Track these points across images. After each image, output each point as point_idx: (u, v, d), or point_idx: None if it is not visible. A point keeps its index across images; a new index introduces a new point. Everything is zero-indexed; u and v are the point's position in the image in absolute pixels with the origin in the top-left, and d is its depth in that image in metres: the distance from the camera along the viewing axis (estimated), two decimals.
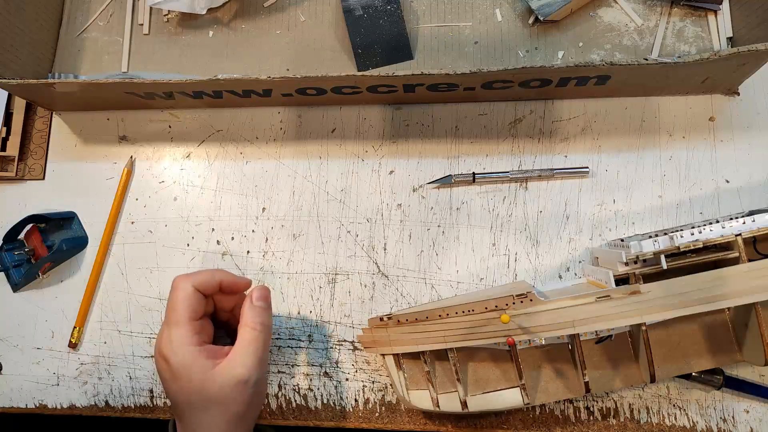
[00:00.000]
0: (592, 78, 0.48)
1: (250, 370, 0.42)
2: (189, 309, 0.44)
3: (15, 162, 0.58)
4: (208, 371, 0.42)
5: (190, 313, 0.44)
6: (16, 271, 0.56)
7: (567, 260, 0.52)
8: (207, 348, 0.43)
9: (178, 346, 0.42)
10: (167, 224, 0.56)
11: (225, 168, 0.57)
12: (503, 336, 0.44)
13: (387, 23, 0.56)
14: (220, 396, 0.41)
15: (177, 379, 0.42)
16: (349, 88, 0.51)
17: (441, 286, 0.53)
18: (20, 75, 0.55)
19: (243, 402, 0.42)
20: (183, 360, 0.42)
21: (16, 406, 0.55)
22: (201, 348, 0.43)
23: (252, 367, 0.42)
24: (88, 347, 0.55)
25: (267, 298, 0.47)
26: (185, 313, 0.43)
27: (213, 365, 0.42)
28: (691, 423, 0.49)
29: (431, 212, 0.54)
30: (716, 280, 0.42)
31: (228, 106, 0.57)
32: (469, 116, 0.55)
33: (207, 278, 0.45)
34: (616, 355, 0.47)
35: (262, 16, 0.59)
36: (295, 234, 0.55)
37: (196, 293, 0.44)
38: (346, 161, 0.56)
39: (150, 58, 0.59)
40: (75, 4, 0.62)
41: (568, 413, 0.50)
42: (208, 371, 0.42)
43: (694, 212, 0.52)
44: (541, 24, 0.55)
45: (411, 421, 0.51)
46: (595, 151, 0.53)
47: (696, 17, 0.54)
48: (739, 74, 0.49)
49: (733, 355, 0.46)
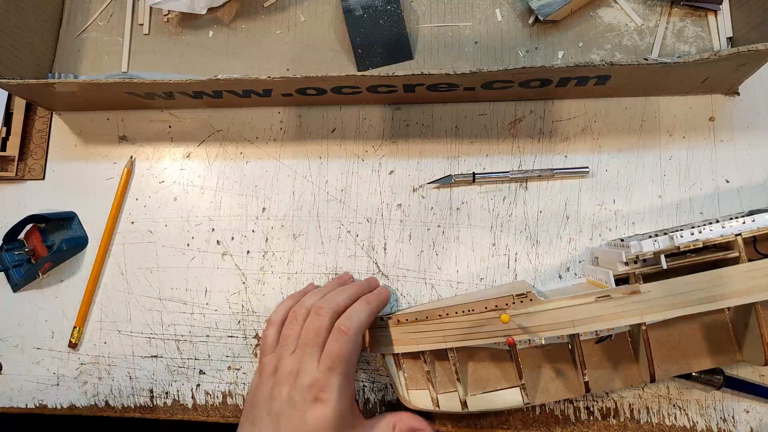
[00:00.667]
0: (592, 78, 0.48)
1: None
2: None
3: (15, 162, 0.58)
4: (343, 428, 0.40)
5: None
6: (16, 271, 0.56)
7: (567, 260, 0.52)
8: (355, 411, 0.42)
9: (348, 402, 0.41)
10: (167, 224, 0.56)
11: (225, 168, 0.57)
12: (503, 336, 0.44)
13: (387, 23, 0.56)
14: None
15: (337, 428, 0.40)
16: (349, 88, 0.51)
17: (441, 286, 0.53)
18: (20, 75, 0.55)
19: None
20: (345, 414, 0.40)
21: (16, 406, 0.55)
22: (354, 411, 0.42)
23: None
24: (88, 347, 0.55)
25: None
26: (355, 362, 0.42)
27: (353, 423, 0.41)
28: (691, 423, 0.49)
29: (431, 212, 0.54)
30: (716, 280, 0.42)
31: (228, 106, 0.57)
32: (469, 116, 0.55)
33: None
34: (616, 355, 0.47)
35: (262, 16, 0.59)
36: (295, 234, 0.55)
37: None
38: (346, 161, 0.56)
39: (150, 58, 0.59)
40: (75, 4, 0.62)
41: (568, 413, 0.50)
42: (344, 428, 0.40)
43: (694, 212, 0.52)
44: (541, 24, 0.55)
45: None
46: (595, 151, 0.53)
47: (696, 17, 0.54)
48: (739, 74, 0.49)
49: (733, 355, 0.46)
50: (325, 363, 0.41)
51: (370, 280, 0.51)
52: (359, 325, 0.42)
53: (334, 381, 0.40)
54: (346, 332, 0.41)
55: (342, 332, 0.42)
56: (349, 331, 0.42)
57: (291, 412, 0.40)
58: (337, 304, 0.44)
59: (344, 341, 0.41)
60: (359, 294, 0.46)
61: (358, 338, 0.42)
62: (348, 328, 0.42)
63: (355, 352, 0.42)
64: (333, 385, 0.40)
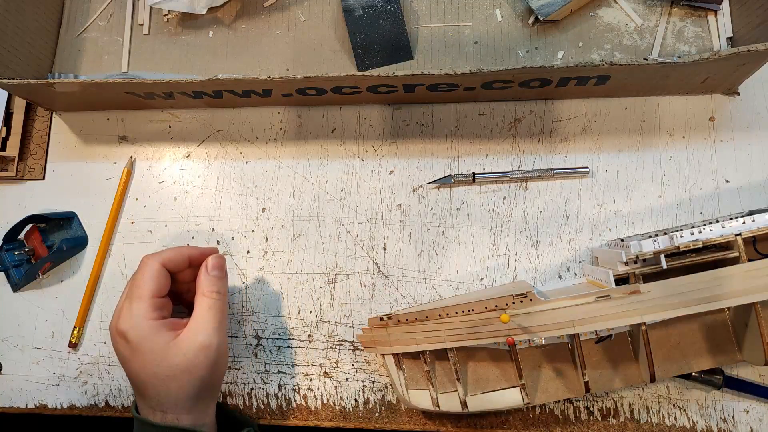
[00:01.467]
0: (592, 78, 0.48)
1: (210, 336, 0.44)
2: (154, 286, 0.45)
3: (15, 162, 0.58)
4: (170, 341, 0.43)
5: (155, 291, 0.45)
6: (16, 271, 0.56)
7: (567, 260, 0.52)
8: (167, 321, 0.45)
9: (139, 321, 0.44)
10: (167, 224, 0.56)
11: (225, 168, 0.57)
12: (503, 336, 0.44)
13: (387, 23, 0.56)
14: (184, 363, 0.43)
15: (138, 354, 0.43)
16: (349, 88, 0.51)
17: (441, 286, 0.53)
18: (20, 75, 0.55)
19: (207, 366, 0.43)
20: (144, 333, 0.43)
21: (16, 406, 0.55)
22: (162, 321, 0.44)
23: (212, 332, 0.44)
24: (88, 347, 0.55)
25: (222, 267, 0.48)
26: (149, 290, 0.45)
27: (175, 335, 0.44)
28: (691, 423, 0.49)
29: (431, 212, 0.54)
30: (716, 280, 0.42)
31: (228, 106, 0.57)
32: (469, 116, 0.55)
33: (175, 255, 0.47)
34: (616, 355, 0.47)
35: (262, 16, 0.59)
36: (295, 234, 0.55)
37: (162, 270, 0.46)
38: (346, 161, 0.56)
39: (150, 58, 0.59)
40: (75, 4, 0.62)
41: (568, 413, 0.50)
42: (171, 341, 0.43)
43: (694, 212, 0.52)
44: (541, 24, 0.55)
45: (411, 421, 0.51)
46: (595, 151, 0.53)
47: (696, 17, 0.54)
48: (739, 74, 0.49)
49: (733, 355, 0.46)
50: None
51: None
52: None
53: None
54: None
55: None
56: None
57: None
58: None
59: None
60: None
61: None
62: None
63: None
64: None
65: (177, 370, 0.43)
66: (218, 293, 0.46)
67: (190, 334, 0.44)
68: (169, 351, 0.43)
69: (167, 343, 0.43)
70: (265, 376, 0.53)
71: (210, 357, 0.43)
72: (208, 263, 0.47)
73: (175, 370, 0.43)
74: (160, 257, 0.46)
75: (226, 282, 0.48)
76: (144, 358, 0.43)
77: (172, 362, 0.43)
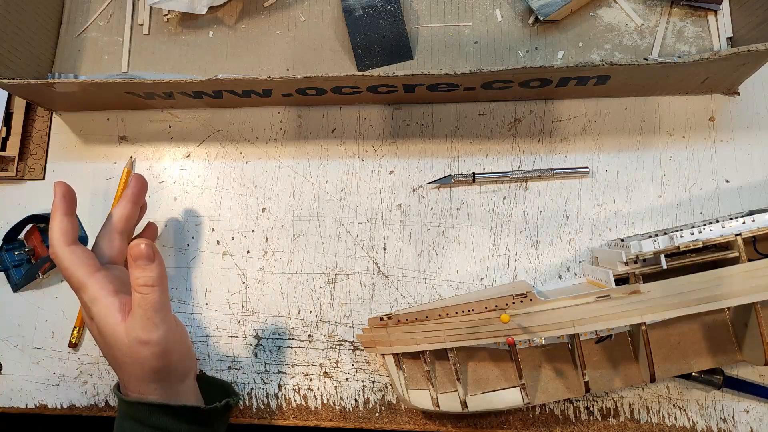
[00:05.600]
0: (592, 78, 0.48)
1: (149, 331, 0.42)
2: (85, 266, 0.44)
3: (15, 162, 0.58)
4: (117, 325, 0.43)
5: (92, 267, 0.44)
6: (16, 271, 0.56)
7: (567, 260, 0.52)
8: (121, 301, 0.44)
9: (98, 300, 0.44)
10: (167, 224, 0.56)
11: (225, 168, 0.57)
12: (503, 336, 0.44)
13: (387, 23, 0.56)
14: (129, 355, 0.42)
15: (101, 335, 0.44)
16: (349, 88, 0.51)
17: (441, 286, 0.53)
18: (20, 75, 0.55)
19: (154, 358, 0.42)
20: (102, 313, 0.43)
21: (16, 406, 0.55)
22: (117, 301, 0.44)
23: (151, 327, 0.42)
24: (88, 347, 0.55)
25: (147, 255, 0.43)
26: (86, 272, 0.44)
27: (122, 319, 0.43)
28: (691, 423, 0.49)
29: (431, 212, 0.54)
30: (716, 280, 0.42)
31: (228, 106, 0.57)
32: (469, 116, 0.55)
33: (103, 236, 0.49)
34: (616, 355, 0.47)
35: (262, 16, 0.59)
36: (295, 234, 0.55)
37: (77, 248, 0.45)
38: (346, 161, 0.56)
39: (150, 58, 0.59)
40: (75, 4, 0.62)
41: (568, 413, 0.50)
42: (118, 325, 0.43)
43: (694, 212, 0.52)
44: (541, 24, 0.55)
45: (411, 421, 0.51)
46: (595, 151, 0.53)
47: (696, 17, 0.54)
48: (739, 74, 0.49)
49: (733, 355, 0.46)
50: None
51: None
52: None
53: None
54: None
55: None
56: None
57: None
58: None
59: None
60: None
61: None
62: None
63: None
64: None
65: (126, 358, 0.43)
66: (149, 286, 0.42)
67: (129, 329, 0.42)
68: (117, 338, 0.42)
69: (115, 326, 0.43)
70: (265, 376, 0.53)
71: (154, 350, 0.42)
72: (131, 252, 0.43)
73: (124, 359, 0.43)
74: (66, 242, 0.45)
75: (158, 265, 0.43)
76: (104, 340, 0.44)
77: (122, 350, 0.43)
